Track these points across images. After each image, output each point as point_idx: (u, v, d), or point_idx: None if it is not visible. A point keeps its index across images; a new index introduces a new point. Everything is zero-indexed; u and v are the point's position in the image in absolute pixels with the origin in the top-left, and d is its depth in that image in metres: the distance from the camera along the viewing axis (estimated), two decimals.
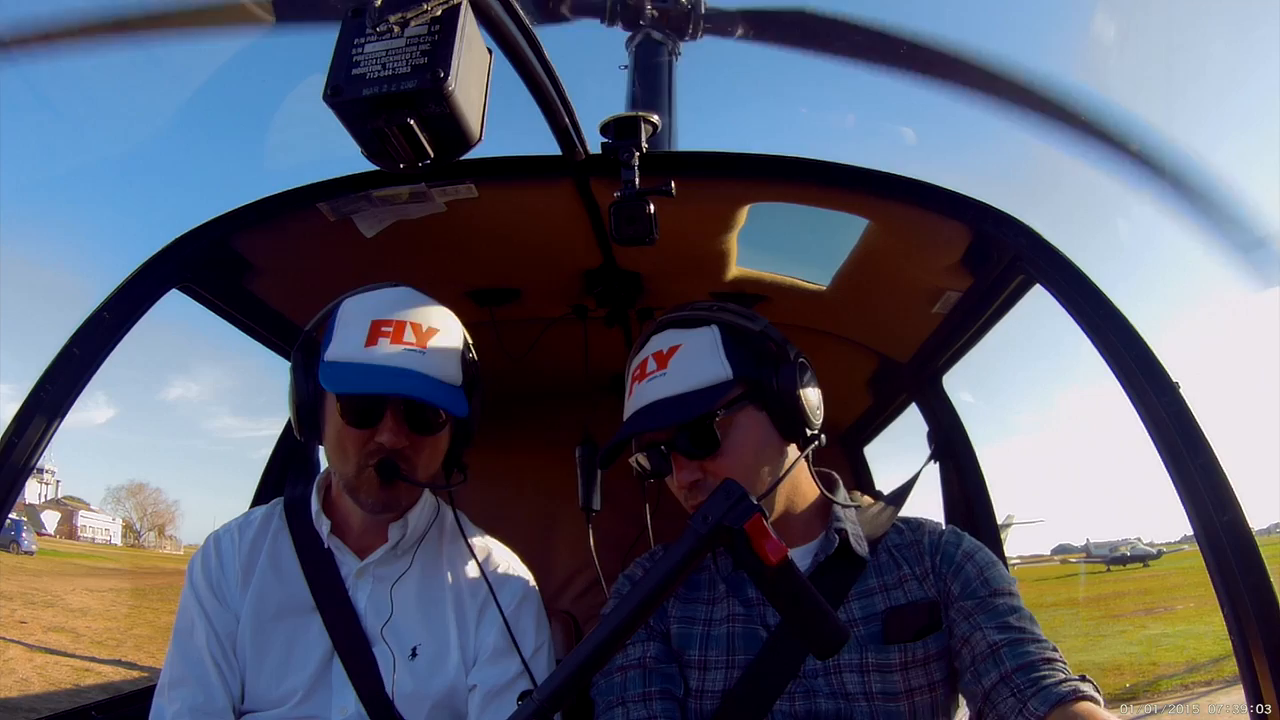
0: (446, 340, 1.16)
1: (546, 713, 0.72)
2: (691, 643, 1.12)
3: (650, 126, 1.26)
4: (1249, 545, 1.06)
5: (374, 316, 1.12)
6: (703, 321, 1.15)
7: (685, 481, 1.09)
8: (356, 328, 1.12)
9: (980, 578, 1.09)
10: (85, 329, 1.34)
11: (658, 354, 1.13)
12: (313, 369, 1.15)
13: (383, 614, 1.16)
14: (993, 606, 1.06)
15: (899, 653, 1.06)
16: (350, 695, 1.12)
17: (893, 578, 1.13)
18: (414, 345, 1.11)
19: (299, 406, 1.17)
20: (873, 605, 1.10)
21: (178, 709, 1.09)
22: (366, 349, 1.10)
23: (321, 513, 1.21)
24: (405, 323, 1.13)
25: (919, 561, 1.14)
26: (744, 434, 1.09)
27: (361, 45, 0.75)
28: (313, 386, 1.15)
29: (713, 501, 0.78)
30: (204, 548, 1.23)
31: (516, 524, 2.39)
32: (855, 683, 1.06)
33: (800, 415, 1.10)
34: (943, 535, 1.17)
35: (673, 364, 1.11)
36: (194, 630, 1.15)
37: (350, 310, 1.15)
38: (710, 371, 1.10)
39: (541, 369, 2.16)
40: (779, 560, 0.76)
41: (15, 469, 1.24)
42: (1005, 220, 1.37)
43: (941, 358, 1.93)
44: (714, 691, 1.09)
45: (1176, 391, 1.15)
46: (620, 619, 0.75)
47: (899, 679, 1.05)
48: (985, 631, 1.03)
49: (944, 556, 1.13)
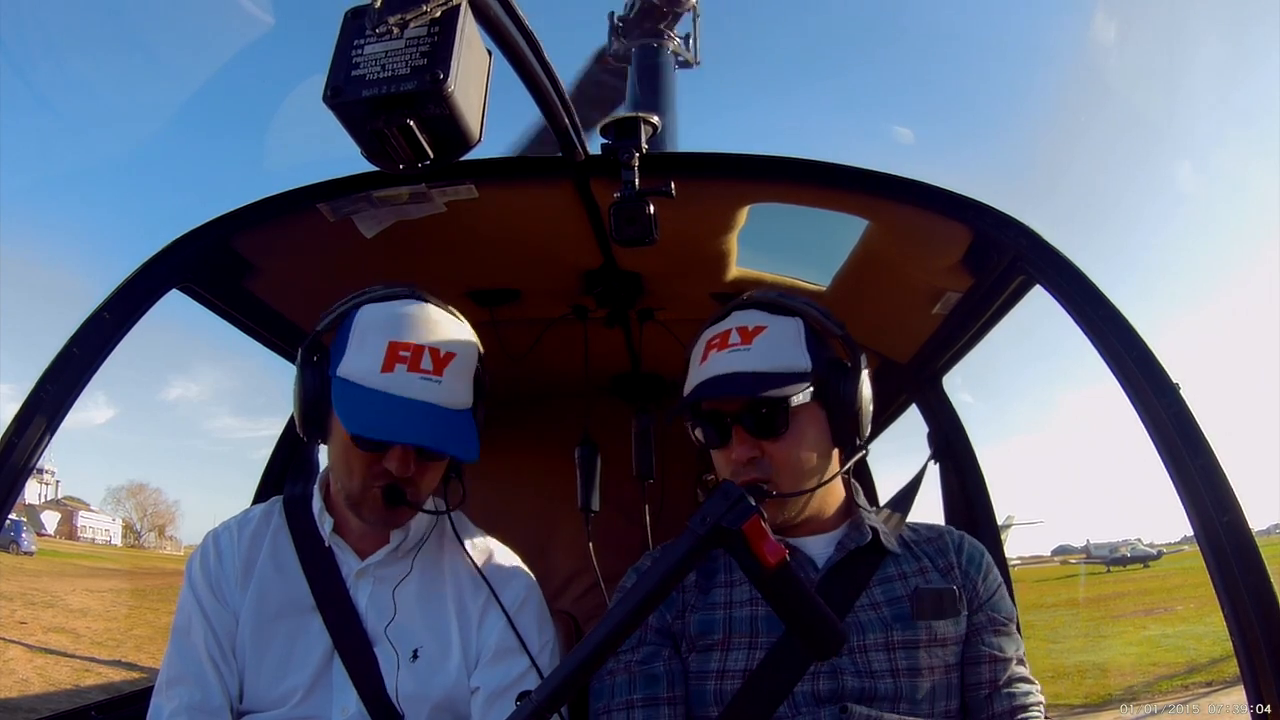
0: (462, 363, 1.14)
1: (544, 713, 0.72)
2: (714, 627, 1.13)
3: (650, 127, 1.26)
4: (1249, 546, 1.06)
5: (391, 336, 1.10)
6: (790, 311, 1.17)
7: (743, 457, 1.11)
8: (373, 346, 1.10)
9: (1001, 597, 1.18)
10: (85, 329, 1.34)
11: (742, 329, 1.15)
12: (322, 373, 1.13)
13: (384, 614, 1.16)
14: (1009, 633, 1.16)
15: (925, 630, 1.10)
16: (351, 695, 1.12)
17: (913, 567, 1.17)
18: (430, 374, 1.09)
19: (305, 408, 1.15)
20: (893, 590, 1.14)
21: (175, 707, 1.09)
22: (383, 375, 1.08)
23: (325, 511, 1.20)
24: (423, 348, 1.10)
25: (941, 556, 1.19)
26: (806, 427, 1.12)
27: (361, 46, 0.75)
28: (322, 389, 1.13)
29: (711, 502, 0.78)
30: (202, 546, 1.22)
31: (516, 524, 2.38)
32: (881, 660, 1.08)
33: (856, 423, 1.14)
34: (964, 538, 1.22)
35: (757, 342, 1.13)
36: (192, 629, 1.14)
37: (366, 322, 1.13)
38: (792, 358, 1.12)
39: (541, 369, 2.16)
40: (777, 562, 0.76)
41: (15, 469, 1.23)
42: (1005, 221, 1.37)
43: (942, 358, 1.93)
44: (735, 671, 1.10)
45: (1177, 392, 1.15)
46: (619, 619, 0.75)
47: (923, 655, 1.09)
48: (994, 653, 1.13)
49: (969, 558, 1.19)
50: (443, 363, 1.11)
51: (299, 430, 1.17)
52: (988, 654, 1.13)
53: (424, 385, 1.09)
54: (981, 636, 1.14)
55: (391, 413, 1.06)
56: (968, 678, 1.13)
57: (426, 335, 1.12)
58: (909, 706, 1.07)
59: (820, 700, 1.06)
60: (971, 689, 1.13)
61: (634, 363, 2.29)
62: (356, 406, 1.07)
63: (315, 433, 1.17)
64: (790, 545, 1.15)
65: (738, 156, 1.39)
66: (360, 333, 1.12)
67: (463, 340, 1.17)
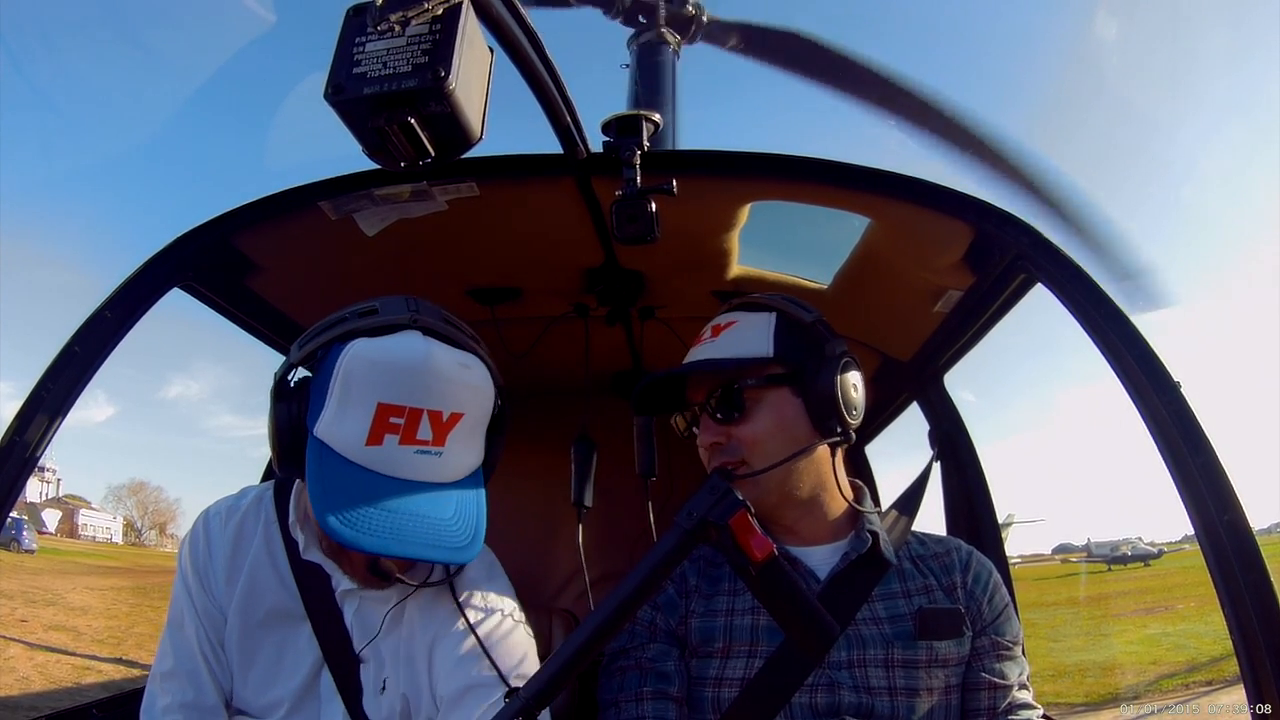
0: (470, 422, 0.97)
1: (532, 710, 0.72)
2: (714, 634, 1.13)
3: (652, 125, 1.26)
4: (1250, 545, 1.06)
5: (381, 397, 0.91)
6: (764, 307, 1.20)
7: (706, 442, 1.15)
8: (357, 408, 0.91)
9: (1006, 619, 1.17)
10: (87, 327, 1.34)
11: (715, 326, 1.20)
12: (299, 417, 0.96)
13: (367, 634, 1.09)
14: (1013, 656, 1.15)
15: (926, 650, 1.09)
16: (338, 707, 1.07)
17: (917, 584, 1.15)
18: (429, 445, 0.93)
19: (279, 449, 0.98)
20: (896, 607, 1.13)
21: (168, 703, 1.06)
22: (368, 448, 0.91)
23: (299, 525, 1.08)
24: (421, 413, 0.92)
25: (946, 574, 1.17)
26: (771, 411, 1.13)
27: (363, 44, 0.75)
28: (295, 435, 0.96)
29: (698, 497, 0.77)
30: (193, 530, 1.13)
31: (516, 522, 2.39)
32: (879, 677, 1.07)
33: (831, 409, 1.12)
34: (972, 555, 1.21)
35: (723, 336, 1.18)
36: (185, 623, 1.10)
37: (352, 371, 0.92)
38: (752, 347, 1.15)
39: (542, 367, 2.16)
40: (764, 557, 0.75)
41: (17, 467, 1.24)
42: (1007, 219, 1.37)
43: (943, 356, 1.93)
44: (734, 679, 1.09)
45: (1178, 391, 1.15)
46: (605, 615, 0.75)
47: (923, 675, 1.08)
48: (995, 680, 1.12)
49: (975, 577, 1.17)
50: (445, 428, 0.94)
51: (275, 464, 1.01)
52: (988, 681, 1.11)
53: (419, 461, 0.93)
54: (983, 662, 1.12)
55: (376, 510, 0.89)
56: (967, 703, 1.12)
57: (425, 396, 0.93)
58: None
59: (818, 713, 1.06)
60: (970, 715, 1.12)
61: (635, 361, 2.29)
62: (333, 490, 0.90)
63: (293, 473, 1.00)
64: (791, 556, 1.15)
65: (739, 154, 1.39)
66: (344, 384, 0.92)
67: (471, 390, 0.98)
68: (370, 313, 1.00)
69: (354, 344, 0.95)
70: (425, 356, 0.94)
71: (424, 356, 0.94)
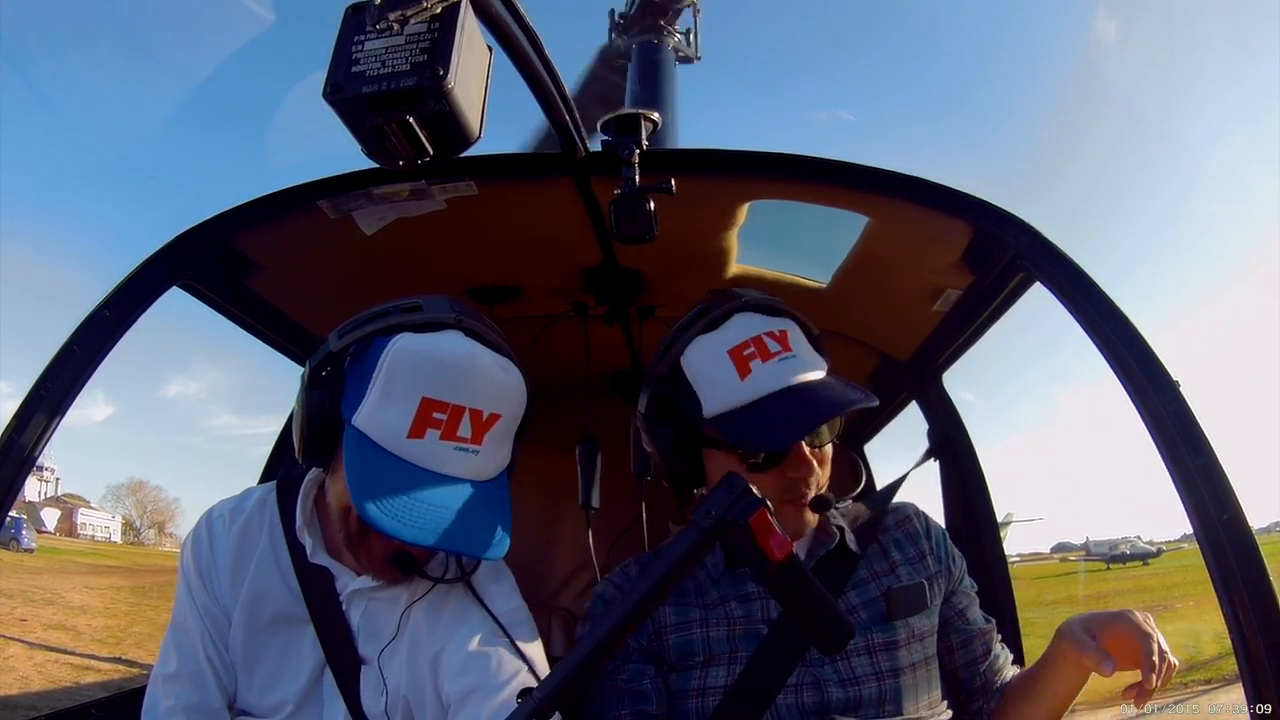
0: (506, 425, 1.00)
1: (545, 712, 0.71)
2: (694, 647, 1.12)
3: (650, 124, 1.26)
4: (1249, 544, 1.06)
5: (426, 391, 0.93)
6: (783, 313, 1.17)
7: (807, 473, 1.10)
8: (402, 400, 0.93)
9: (964, 568, 1.23)
10: (85, 326, 1.33)
11: (776, 335, 1.10)
12: (334, 404, 0.97)
13: (373, 636, 1.08)
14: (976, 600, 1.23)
15: (903, 629, 1.11)
16: (340, 709, 1.07)
17: (882, 565, 1.17)
18: (468, 442, 0.94)
19: (307, 435, 0.99)
20: (867, 592, 1.14)
21: (171, 705, 1.06)
22: (409, 440, 0.92)
23: (306, 528, 1.09)
24: (464, 410, 0.94)
25: (911, 544, 1.19)
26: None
27: (361, 42, 0.75)
28: (329, 423, 0.97)
29: (716, 495, 0.75)
30: (196, 531, 1.12)
31: (517, 521, 2.38)
32: (864, 665, 1.08)
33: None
34: (926, 517, 1.25)
35: (800, 348, 1.11)
36: (189, 625, 1.09)
37: (399, 364, 0.94)
38: (822, 362, 1.14)
39: (542, 367, 2.15)
40: (784, 556, 0.74)
41: (16, 466, 1.24)
42: (1006, 218, 1.37)
43: (942, 355, 1.93)
44: (716, 688, 1.09)
45: (1177, 390, 1.15)
46: (620, 615, 0.73)
47: (903, 654, 1.10)
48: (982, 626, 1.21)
49: (937, 541, 1.21)
50: (484, 427, 0.96)
51: (297, 454, 1.03)
52: (977, 629, 1.19)
53: (458, 458, 0.94)
54: (966, 614, 1.19)
55: (413, 501, 0.90)
56: (961, 657, 1.17)
57: (469, 394, 0.95)
58: (893, 708, 1.07)
59: (805, 713, 1.06)
60: (968, 666, 1.17)
61: (634, 360, 2.29)
62: (373, 479, 0.91)
63: (317, 462, 1.03)
64: None
65: (738, 153, 1.39)
66: (389, 376, 0.94)
67: (510, 393, 1.01)
68: (414, 309, 1.01)
69: (400, 338, 0.96)
70: (471, 356, 0.97)
71: (470, 356, 0.97)
